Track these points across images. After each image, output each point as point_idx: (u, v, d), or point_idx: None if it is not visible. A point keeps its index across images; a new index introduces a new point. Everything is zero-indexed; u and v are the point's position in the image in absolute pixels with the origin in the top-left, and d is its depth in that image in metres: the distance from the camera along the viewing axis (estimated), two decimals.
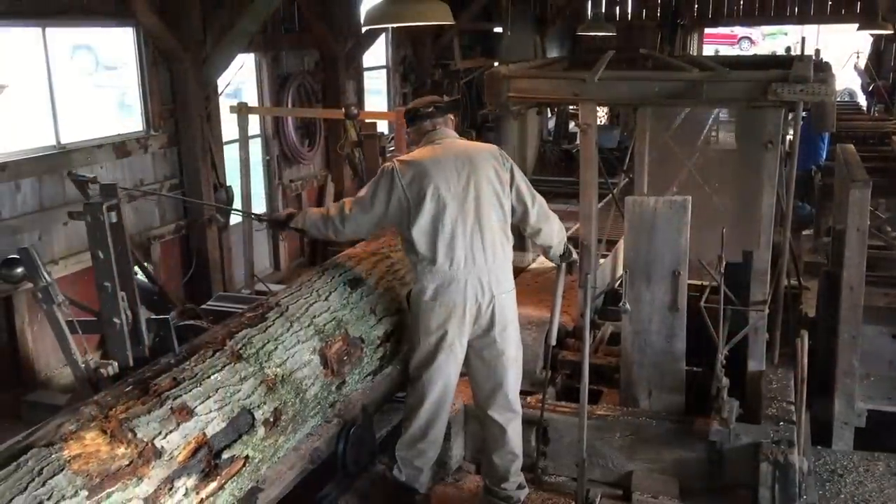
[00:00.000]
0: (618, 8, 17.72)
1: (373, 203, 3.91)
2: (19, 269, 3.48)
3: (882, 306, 5.60)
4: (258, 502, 3.35)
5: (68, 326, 3.43)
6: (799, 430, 4.19)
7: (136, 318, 3.59)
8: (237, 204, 7.70)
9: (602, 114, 16.14)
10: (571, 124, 14.38)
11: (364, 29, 9.54)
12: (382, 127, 8.61)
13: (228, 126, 8.31)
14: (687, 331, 4.51)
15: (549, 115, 14.66)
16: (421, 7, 4.86)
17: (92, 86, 10.96)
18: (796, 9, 16.67)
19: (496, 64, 8.34)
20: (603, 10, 17.23)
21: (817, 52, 14.01)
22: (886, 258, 6.90)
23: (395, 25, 9.03)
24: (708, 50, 20.23)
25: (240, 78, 8.95)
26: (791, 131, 4.63)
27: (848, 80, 18.51)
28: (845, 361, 4.93)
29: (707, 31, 19.11)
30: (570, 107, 11.64)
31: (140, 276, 7.30)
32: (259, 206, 8.91)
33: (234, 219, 8.15)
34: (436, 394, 4.00)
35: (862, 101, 17.18)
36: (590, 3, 17.44)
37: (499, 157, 4.04)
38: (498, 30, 13.78)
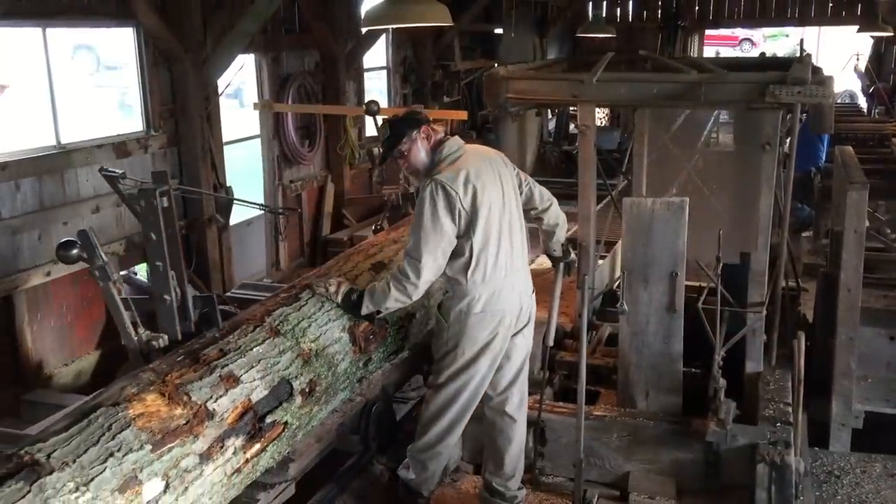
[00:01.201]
0: (618, 9, 17.75)
1: (443, 229, 3.70)
2: (74, 251, 3.67)
3: (880, 308, 5.61)
4: (290, 471, 3.69)
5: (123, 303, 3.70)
6: (796, 431, 4.20)
7: (183, 296, 3.88)
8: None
9: (602, 115, 16.17)
10: (572, 126, 14.40)
11: (364, 30, 9.54)
12: None
13: (228, 127, 8.33)
14: (686, 332, 4.52)
15: (550, 116, 14.69)
16: (420, 8, 4.87)
17: (93, 86, 10.98)
18: (797, 10, 16.69)
19: (496, 65, 8.36)
20: (604, 12, 17.25)
21: (808, 55, 14.05)
22: (886, 260, 6.91)
23: (394, 26, 9.08)
24: (709, 52, 20.25)
25: (241, 78, 8.97)
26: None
27: (848, 81, 18.51)
28: (843, 363, 4.94)
29: (708, 32, 19.14)
30: (571, 108, 11.66)
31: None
32: None
33: (234, 218, 8.16)
34: (466, 399, 3.98)
35: (862, 102, 17.20)
36: (591, 4, 17.47)
37: (506, 160, 4.07)
38: (499, 31, 13.79)
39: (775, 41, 27.74)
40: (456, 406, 3.98)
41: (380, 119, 7.64)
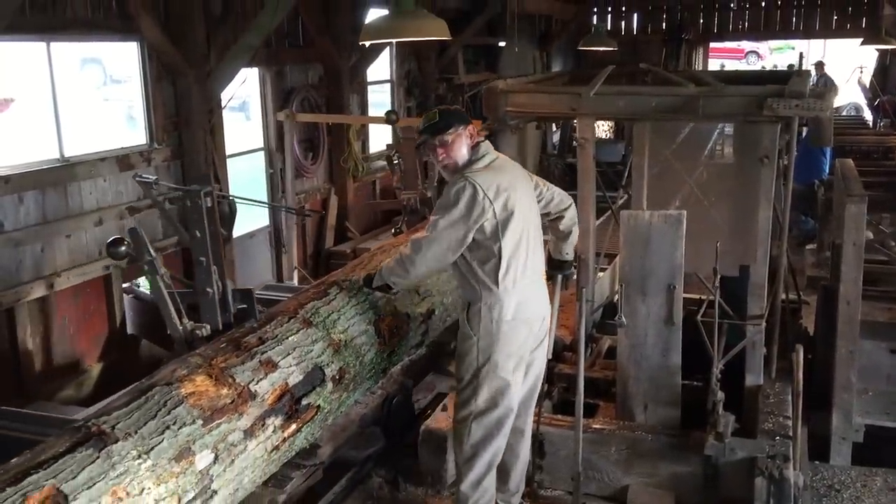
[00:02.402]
0: (623, 22, 17.81)
1: (457, 226, 3.69)
2: (123, 248, 3.96)
3: (882, 321, 5.59)
4: (317, 457, 4.14)
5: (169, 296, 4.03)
6: (795, 444, 4.18)
7: (224, 289, 4.17)
8: (247, 212, 7.86)
9: (606, 128, 16.19)
10: None
11: (367, 43, 9.59)
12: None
13: (234, 140, 8.37)
14: (686, 345, 4.51)
15: (554, 129, 14.70)
16: (418, 23, 4.90)
17: (100, 99, 11.03)
18: (801, 23, 16.72)
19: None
20: (608, 25, 17.31)
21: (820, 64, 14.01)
22: (889, 273, 6.88)
23: (391, 41, 9.16)
24: (714, 64, 20.29)
25: (248, 92, 8.99)
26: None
27: (853, 94, 18.51)
28: (843, 376, 4.92)
29: (714, 45, 19.19)
30: (575, 121, 11.65)
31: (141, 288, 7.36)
32: (262, 218, 8.94)
33: (237, 231, 8.17)
34: (509, 422, 3.88)
35: (868, 115, 17.18)
36: (595, 17, 17.53)
37: (525, 171, 4.08)
38: (502, 44, 13.83)
39: (781, 53, 27.75)
40: (502, 433, 3.87)
41: (399, 128, 8.09)
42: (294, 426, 3.56)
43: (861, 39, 14.01)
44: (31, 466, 2.71)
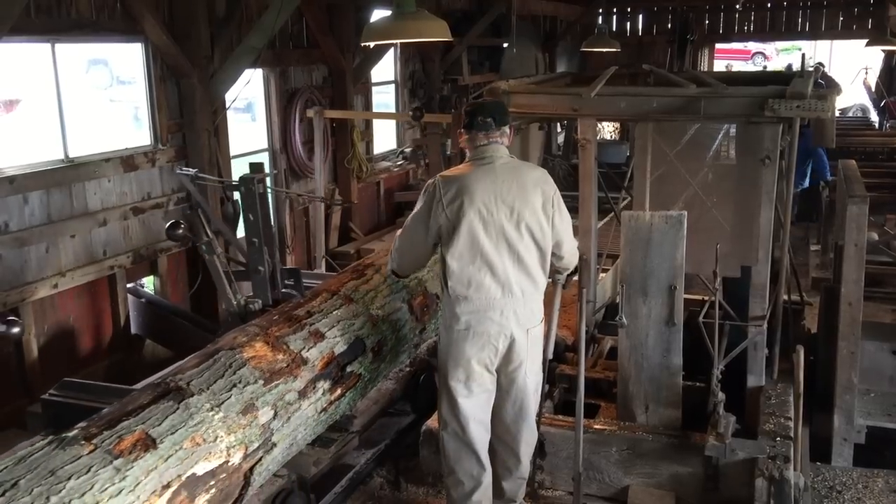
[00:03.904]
0: (628, 23, 17.81)
1: (418, 222, 3.78)
2: (180, 231, 4.40)
3: (886, 322, 5.58)
4: (353, 426, 4.54)
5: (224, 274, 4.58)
6: (796, 445, 4.18)
7: (274, 267, 4.58)
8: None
9: (612, 129, 16.18)
10: None
11: (372, 44, 9.60)
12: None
13: (237, 140, 8.38)
14: (689, 346, 4.51)
15: (559, 129, 14.70)
16: (419, 24, 4.91)
17: (107, 100, 11.09)
18: (807, 24, 16.70)
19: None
20: (613, 26, 17.31)
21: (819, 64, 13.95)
22: (894, 274, 6.87)
23: (393, 42, 9.21)
24: (720, 65, 20.26)
25: (253, 92, 9.02)
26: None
27: (859, 95, 18.47)
28: (844, 377, 4.91)
29: (720, 46, 19.16)
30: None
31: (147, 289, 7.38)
32: None
33: (241, 232, 8.19)
34: (475, 437, 3.85)
35: (874, 116, 17.15)
36: (600, 18, 17.53)
37: (547, 182, 3.86)
38: (507, 45, 13.84)
39: (788, 55, 27.68)
40: (471, 450, 3.86)
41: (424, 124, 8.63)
42: (339, 391, 3.94)
43: (867, 40, 13.99)
44: (123, 414, 3.07)
